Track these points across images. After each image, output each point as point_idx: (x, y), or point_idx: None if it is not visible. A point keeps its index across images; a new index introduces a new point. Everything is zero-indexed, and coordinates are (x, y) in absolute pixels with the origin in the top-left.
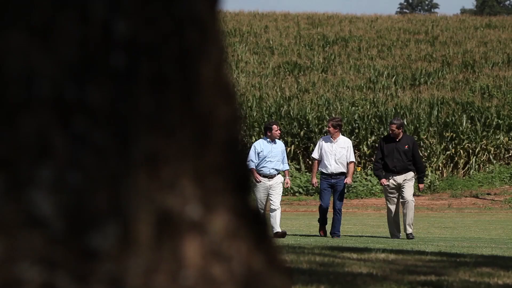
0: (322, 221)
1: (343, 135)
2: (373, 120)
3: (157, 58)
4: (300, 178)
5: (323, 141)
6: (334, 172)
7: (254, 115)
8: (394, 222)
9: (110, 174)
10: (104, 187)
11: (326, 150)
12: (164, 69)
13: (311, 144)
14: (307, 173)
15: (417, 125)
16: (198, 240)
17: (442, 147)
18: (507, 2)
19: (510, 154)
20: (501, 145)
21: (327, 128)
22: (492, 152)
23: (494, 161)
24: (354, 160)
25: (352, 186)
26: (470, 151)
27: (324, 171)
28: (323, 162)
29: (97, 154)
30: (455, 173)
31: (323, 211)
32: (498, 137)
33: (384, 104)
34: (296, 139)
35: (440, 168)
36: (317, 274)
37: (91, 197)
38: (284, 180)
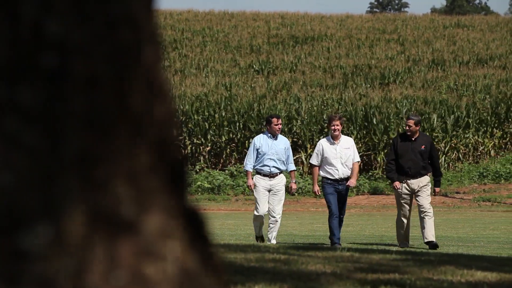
0: (337, 233)
1: (313, 135)
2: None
3: (90, 58)
4: None
5: (324, 144)
6: (342, 177)
7: (224, 114)
8: (405, 230)
9: (42, 174)
10: (36, 187)
11: (329, 154)
12: (97, 69)
13: None
14: None
15: (387, 124)
16: (131, 240)
17: None
18: (477, 1)
19: (479, 153)
20: (470, 144)
21: (335, 127)
22: (461, 150)
23: (463, 160)
24: (359, 159)
25: None
26: (440, 149)
27: (330, 177)
28: (328, 167)
29: (29, 154)
30: None
31: (334, 219)
32: (468, 136)
33: (353, 103)
34: None
35: None
36: (281, 273)
37: (23, 197)
38: (290, 184)
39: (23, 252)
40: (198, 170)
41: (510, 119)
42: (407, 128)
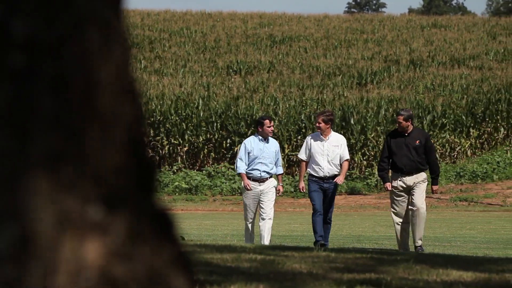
0: (320, 231)
1: (291, 135)
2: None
3: (57, 58)
4: None
5: (312, 139)
6: (327, 176)
7: (201, 115)
8: (404, 231)
9: (8, 174)
10: (2, 188)
11: (316, 150)
12: (65, 69)
13: None
14: None
15: (364, 124)
16: (100, 240)
17: None
18: (454, 2)
19: (456, 153)
20: (447, 144)
21: (316, 124)
22: (438, 150)
23: (440, 160)
24: (348, 157)
25: None
26: None
27: (314, 174)
28: (313, 164)
29: None
30: None
31: (318, 217)
32: (444, 135)
33: (331, 103)
34: (243, 139)
35: None
36: (257, 273)
37: None
38: (277, 186)
39: None
40: (175, 171)
41: (486, 119)
42: (398, 125)
